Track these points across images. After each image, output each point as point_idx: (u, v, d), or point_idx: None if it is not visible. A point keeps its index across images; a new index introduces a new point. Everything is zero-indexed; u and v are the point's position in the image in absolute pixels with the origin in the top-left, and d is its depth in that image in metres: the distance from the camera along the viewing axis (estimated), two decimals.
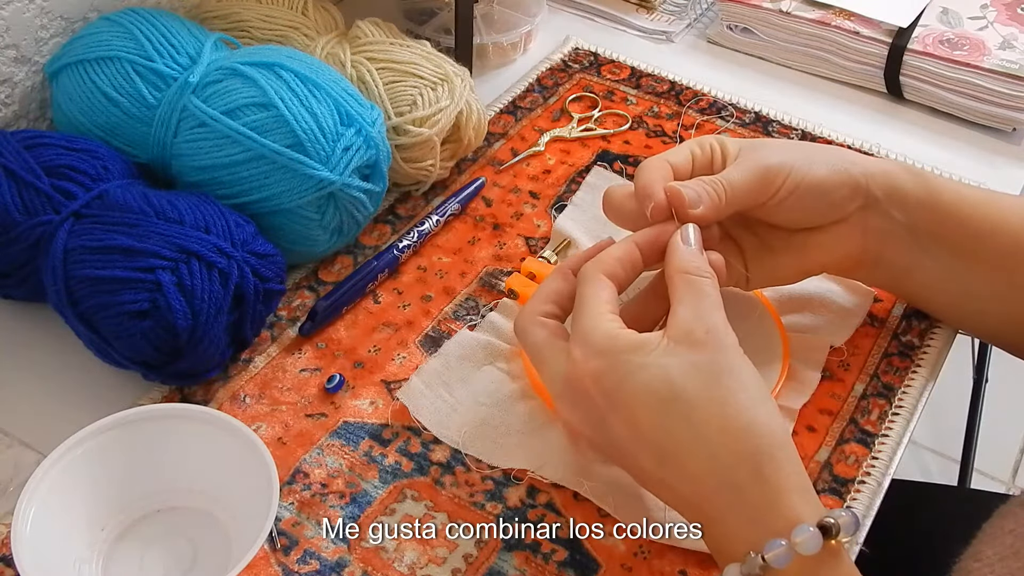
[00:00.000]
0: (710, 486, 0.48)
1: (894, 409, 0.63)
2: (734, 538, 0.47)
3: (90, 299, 0.57)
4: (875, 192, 0.60)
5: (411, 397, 0.62)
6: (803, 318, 0.67)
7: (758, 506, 0.47)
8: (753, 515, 0.47)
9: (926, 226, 0.61)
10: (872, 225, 0.61)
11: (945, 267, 0.62)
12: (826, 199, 0.60)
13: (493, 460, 0.59)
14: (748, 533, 0.47)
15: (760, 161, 0.58)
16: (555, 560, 0.55)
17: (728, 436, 0.47)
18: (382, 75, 0.72)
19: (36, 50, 0.73)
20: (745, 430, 0.47)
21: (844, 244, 0.61)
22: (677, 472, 0.48)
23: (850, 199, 0.60)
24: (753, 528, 0.47)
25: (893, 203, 0.61)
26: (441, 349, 0.65)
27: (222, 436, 0.55)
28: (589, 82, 0.88)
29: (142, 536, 0.55)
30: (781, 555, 0.45)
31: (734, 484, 0.47)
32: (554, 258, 0.70)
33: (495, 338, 0.65)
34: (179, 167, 0.66)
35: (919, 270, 0.63)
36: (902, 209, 0.61)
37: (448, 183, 0.78)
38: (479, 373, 0.63)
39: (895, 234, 0.61)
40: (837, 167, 0.60)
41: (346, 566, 0.54)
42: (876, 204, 0.60)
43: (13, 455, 0.59)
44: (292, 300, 0.68)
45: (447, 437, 0.60)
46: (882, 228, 0.61)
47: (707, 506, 0.48)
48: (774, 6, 0.90)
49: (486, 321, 0.67)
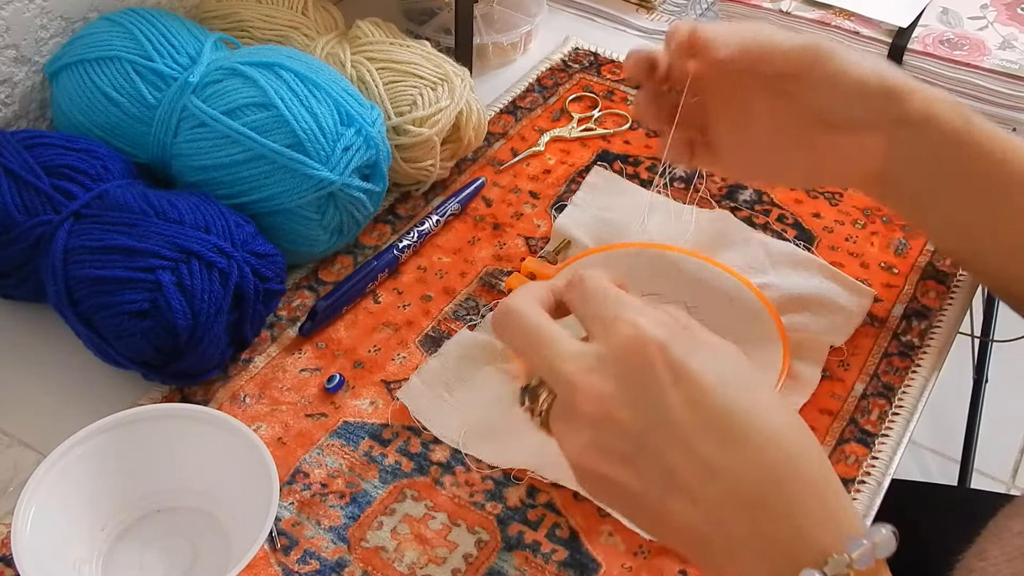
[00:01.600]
0: (781, 472, 0.42)
1: (894, 409, 0.63)
2: (808, 538, 0.42)
3: (90, 299, 0.57)
4: (913, 109, 0.58)
5: (411, 397, 0.62)
6: (803, 318, 0.67)
7: (831, 505, 0.42)
8: (826, 513, 0.42)
9: (955, 160, 0.58)
10: (901, 142, 0.58)
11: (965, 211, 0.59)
12: (864, 98, 0.57)
13: (493, 460, 0.59)
14: (823, 533, 0.42)
15: (811, 39, 0.57)
16: (555, 560, 0.55)
17: (790, 426, 0.43)
18: (382, 75, 0.72)
19: (36, 50, 0.73)
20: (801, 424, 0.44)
21: (866, 157, 0.59)
22: (743, 455, 0.42)
23: (886, 107, 0.58)
24: (828, 528, 0.42)
25: (928, 126, 0.58)
26: (441, 349, 0.65)
27: (222, 436, 0.55)
28: (589, 82, 0.88)
29: (142, 536, 0.55)
30: (866, 555, 0.40)
31: (805, 476, 0.42)
32: (554, 258, 0.70)
33: (495, 338, 0.65)
34: (179, 167, 0.66)
35: (937, 209, 0.60)
36: (936, 135, 0.58)
37: (448, 183, 0.78)
38: (479, 373, 0.63)
39: (921, 161, 0.58)
40: (884, 72, 0.58)
41: (346, 566, 0.54)
42: (910, 122, 0.58)
43: (13, 455, 0.59)
44: (292, 300, 0.68)
45: (447, 437, 0.60)
46: (910, 150, 0.58)
47: (774, 497, 0.42)
48: (774, 6, 0.90)
49: (486, 321, 0.67)
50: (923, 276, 0.72)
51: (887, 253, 0.73)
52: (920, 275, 0.72)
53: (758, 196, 0.77)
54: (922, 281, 0.72)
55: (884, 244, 0.74)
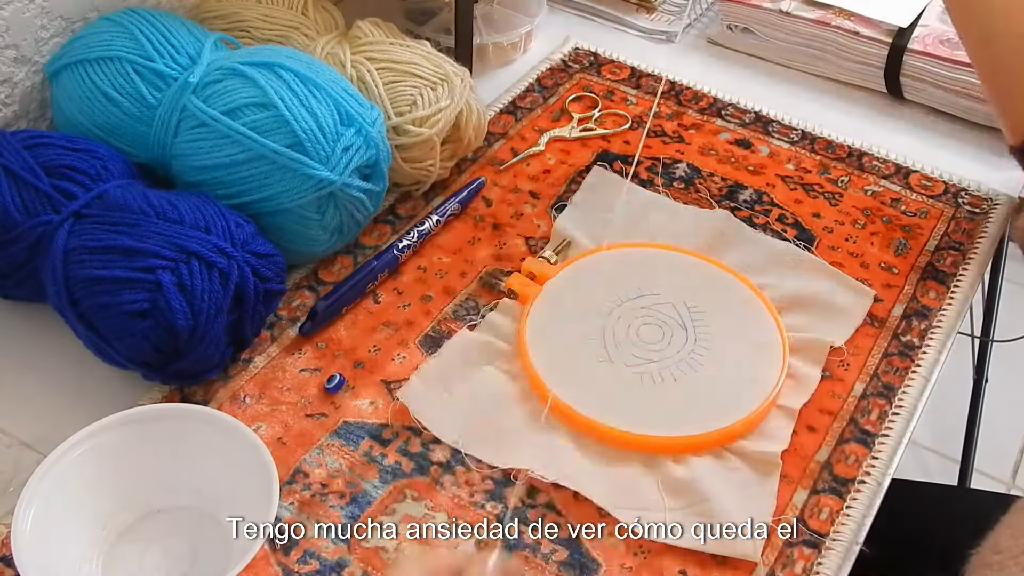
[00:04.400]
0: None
1: (894, 409, 0.63)
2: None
3: (90, 299, 0.57)
4: None
5: (411, 397, 0.62)
6: (803, 318, 0.67)
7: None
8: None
9: None
10: None
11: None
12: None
13: (493, 460, 0.59)
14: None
15: None
16: (555, 560, 0.55)
17: None
18: (382, 75, 0.72)
19: (36, 50, 0.73)
20: None
21: None
22: None
23: None
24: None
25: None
26: (441, 349, 0.65)
27: (222, 436, 0.55)
28: (589, 82, 0.88)
29: (142, 536, 0.55)
30: None
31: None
32: (554, 258, 0.70)
33: (495, 338, 0.65)
34: (179, 167, 0.66)
35: None
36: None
37: (448, 183, 0.78)
38: (479, 373, 0.63)
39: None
40: None
41: (346, 566, 0.54)
42: None
43: (13, 455, 0.59)
44: (292, 300, 0.68)
45: (447, 437, 0.60)
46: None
47: None
48: (774, 6, 0.90)
49: (486, 321, 0.67)
50: (923, 276, 0.72)
51: (887, 253, 0.73)
52: (920, 275, 0.72)
53: (758, 196, 0.77)
54: (922, 281, 0.72)
55: (884, 244, 0.74)
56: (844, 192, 0.78)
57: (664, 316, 0.66)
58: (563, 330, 0.65)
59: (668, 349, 0.64)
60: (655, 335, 0.65)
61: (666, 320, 0.66)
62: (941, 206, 0.78)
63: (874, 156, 0.82)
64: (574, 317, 0.66)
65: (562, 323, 0.66)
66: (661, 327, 0.66)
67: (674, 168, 0.80)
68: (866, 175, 0.80)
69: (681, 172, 0.79)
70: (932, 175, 0.80)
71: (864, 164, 0.81)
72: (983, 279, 0.80)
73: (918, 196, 0.79)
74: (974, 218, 0.77)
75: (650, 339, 0.65)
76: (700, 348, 0.64)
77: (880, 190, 0.79)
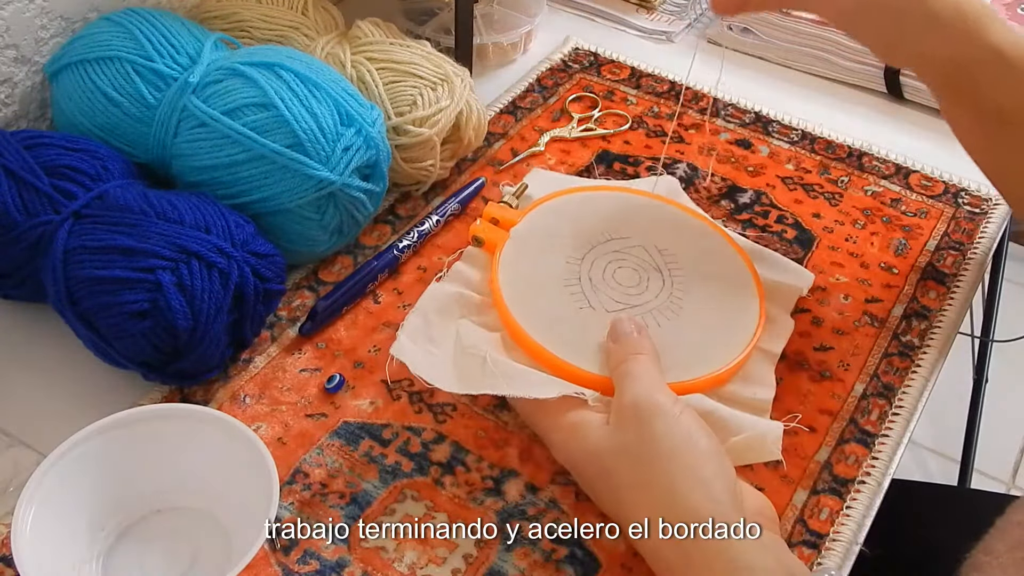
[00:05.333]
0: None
1: (894, 409, 0.63)
2: None
3: (90, 299, 0.57)
4: None
5: (405, 353, 0.60)
6: (771, 270, 0.68)
7: None
8: None
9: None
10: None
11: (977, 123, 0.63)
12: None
13: (498, 390, 0.57)
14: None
15: None
16: (555, 559, 0.55)
17: None
18: (382, 75, 0.72)
19: (36, 50, 0.73)
20: None
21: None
22: None
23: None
24: None
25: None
26: (417, 305, 0.63)
27: (222, 436, 0.55)
28: (589, 82, 0.88)
29: (142, 536, 0.55)
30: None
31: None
32: (515, 202, 0.69)
33: (465, 288, 0.64)
34: (179, 167, 0.66)
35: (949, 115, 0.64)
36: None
37: (448, 183, 0.78)
38: (458, 327, 0.62)
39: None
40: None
41: (346, 566, 0.54)
42: None
43: (13, 455, 0.59)
44: (292, 300, 0.68)
45: (448, 386, 0.58)
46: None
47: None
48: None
49: (453, 271, 0.66)
50: (923, 276, 0.72)
51: (887, 253, 0.73)
52: (920, 275, 0.72)
53: (757, 197, 0.77)
54: (922, 281, 0.72)
55: (884, 244, 0.74)
56: (844, 192, 0.78)
57: (637, 259, 0.66)
58: (538, 278, 0.64)
59: (647, 293, 0.64)
60: (632, 278, 0.64)
61: (640, 264, 0.66)
62: (941, 206, 0.78)
63: (874, 156, 0.82)
64: (547, 264, 0.65)
65: (535, 271, 0.64)
66: (636, 271, 0.65)
67: (674, 168, 0.80)
68: (866, 175, 0.80)
69: (681, 172, 0.79)
70: (932, 175, 0.80)
71: (864, 164, 0.81)
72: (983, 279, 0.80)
73: (918, 196, 0.79)
74: (974, 218, 0.77)
75: (627, 282, 0.64)
76: (678, 291, 0.64)
77: (880, 190, 0.79)
